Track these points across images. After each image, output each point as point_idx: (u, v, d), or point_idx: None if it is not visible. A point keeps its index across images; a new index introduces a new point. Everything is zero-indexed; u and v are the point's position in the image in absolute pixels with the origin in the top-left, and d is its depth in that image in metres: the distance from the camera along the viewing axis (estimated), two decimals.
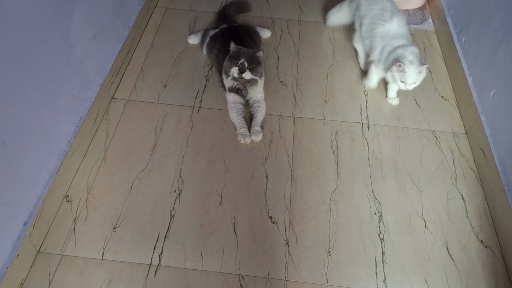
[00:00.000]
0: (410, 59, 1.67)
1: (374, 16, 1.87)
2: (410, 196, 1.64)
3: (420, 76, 1.70)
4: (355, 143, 1.81)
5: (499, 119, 1.63)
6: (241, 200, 1.61)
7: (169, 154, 1.73)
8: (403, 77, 1.69)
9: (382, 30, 1.82)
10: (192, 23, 2.33)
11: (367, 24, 1.92)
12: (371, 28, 1.87)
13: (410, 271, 1.45)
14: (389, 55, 1.76)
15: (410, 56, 1.68)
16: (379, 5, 1.87)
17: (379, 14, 1.85)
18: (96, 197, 1.58)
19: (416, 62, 1.67)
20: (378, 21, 1.84)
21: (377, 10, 1.87)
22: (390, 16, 1.82)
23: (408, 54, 1.69)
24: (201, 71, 2.07)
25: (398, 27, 1.81)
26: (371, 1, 1.92)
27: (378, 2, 1.89)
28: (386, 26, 1.82)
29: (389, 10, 1.84)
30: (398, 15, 1.84)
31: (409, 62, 1.66)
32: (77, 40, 1.59)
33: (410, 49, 1.71)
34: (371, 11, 1.89)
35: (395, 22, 1.81)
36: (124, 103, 1.91)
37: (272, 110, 1.92)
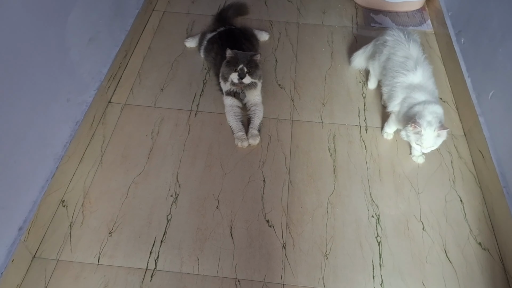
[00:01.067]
0: (429, 120, 1.45)
1: (397, 63, 1.66)
2: (408, 199, 1.63)
3: (439, 140, 1.49)
4: (353, 146, 1.80)
5: (498, 121, 1.62)
6: (238, 204, 1.60)
7: (166, 158, 1.72)
8: (419, 139, 1.49)
9: (404, 80, 1.61)
10: (190, 26, 2.33)
11: (387, 68, 1.71)
12: (392, 76, 1.66)
13: (408, 275, 1.43)
14: (408, 110, 1.56)
15: (429, 116, 1.46)
16: (403, 51, 1.66)
17: (402, 62, 1.64)
18: (93, 202, 1.58)
19: (435, 124, 1.45)
20: (400, 70, 1.63)
21: (401, 56, 1.66)
22: (414, 66, 1.61)
23: (427, 114, 1.47)
24: (199, 75, 2.07)
25: (422, 78, 1.60)
26: (396, 43, 1.70)
27: (404, 47, 1.67)
28: (408, 77, 1.60)
29: (413, 59, 1.63)
30: (424, 65, 1.62)
31: (427, 124, 1.45)
32: (72, 44, 1.59)
33: (431, 108, 1.50)
34: (394, 56, 1.68)
35: (419, 73, 1.60)
36: (121, 107, 1.90)
37: (269, 114, 1.92)
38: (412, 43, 1.68)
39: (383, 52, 1.76)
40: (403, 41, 1.69)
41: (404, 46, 1.67)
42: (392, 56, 1.70)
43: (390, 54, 1.72)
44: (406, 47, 1.67)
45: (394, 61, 1.68)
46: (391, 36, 1.74)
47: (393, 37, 1.73)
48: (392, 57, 1.70)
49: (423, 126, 1.45)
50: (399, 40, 1.70)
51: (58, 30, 1.49)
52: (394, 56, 1.69)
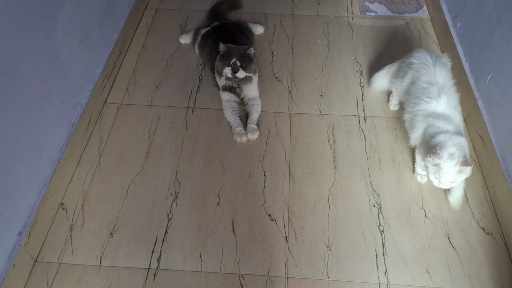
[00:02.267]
0: (451, 153, 1.31)
1: (419, 89, 1.52)
2: (409, 186, 1.61)
3: (460, 176, 1.35)
4: (352, 136, 1.79)
5: (496, 104, 1.60)
6: (239, 200, 1.59)
7: (164, 157, 1.71)
8: (437, 173, 1.35)
9: (426, 108, 1.47)
10: (184, 22, 2.31)
11: (410, 92, 1.58)
12: (414, 103, 1.52)
13: (411, 262, 1.42)
14: (430, 139, 1.41)
15: (452, 148, 1.32)
16: (428, 76, 1.52)
17: (425, 88, 1.50)
18: (92, 204, 1.57)
19: (457, 158, 1.31)
20: (423, 96, 1.49)
21: (425, 82, 1.51)
22: (438, 93, 1.46)
23: (450, 146, 1.33)
24: (194, 71, 2.06)
25: (446, 107, 1.45)
26: (422, 66, 1.56)
27: (429, 71, 1.53)
28: (431, 105, 1.46)
29: (438, 86, 1.48)
30: (449, 93, 1.48)
31: (448, 156, 1.31)
32: (63, 46, 1.57)
33: (455, 139, 1.35)
34: (418, 81, 1.54)
35: (443, 102, 1.45)
36: (117, 107, 1.89)
37: (267, 107, 1.90)
38: (439, 67, 1.53)
39: (408, 74, 1.62)
40: (429, 64, 1.54)
41: (430, 70, 1.53)
42: (416, 80, 1.56)
43: (415, 78, 1.57)
44: (431, 71, 1.52)
45: (418, 86, 1.53)
46: (417, 59, 1.59)
47: (419, 59, 1.58)
48: (416, 81, 1.56)
49: (443, 158, 1.31)
50: (425, 63, 1.56)
51: (47, 32, 1.47)
52: (418, 81, 1.54)
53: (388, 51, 2.13)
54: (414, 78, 1.58)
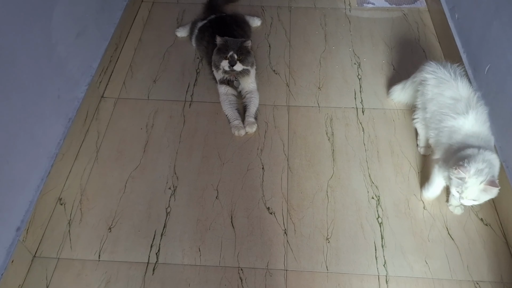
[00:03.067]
0: (479, 168, 1.21)
1: (444, 105, 1.41)
2: (407, 178, 1.61)
3: (484, 196, 1.25)
4: (350, 128, 1.78)
5: (494, 95, 1.60)
6: (237, 193, 1.59)
7: (162, 151, 1.71)
8: (461, 186, 1.26)
9: (453, 124, 1.37)
10: (180, 15, 2.30)
11: (432, 110, 1.47)
12: (439, 120, 1.42)
13: (410, 254, 1.43)
14: (456, 153, 1.32)
15: (480, 164, 1.22)
16: (451, 91, 1.41)
17: (450, 104, 1.39)
18: (90, 199, 1.56)
19: (485, 176, 1.21)
20: (449, 112, 1.38)
21: (448, 98, 1.40)
22: (466, 109, 1.36)
23: (480, 161, 1.22)
24: (191, 64, 2.04)
25: (475, 123, 1.35)
26: (441, 82, 1.45)
27: (451, 85, 1.41)
28: (458, 121, 1.36)
29: (464, 100, 1.37)
30: (477, 107, 1.36)
31: (475, 172, 1.21)
32: (59, 40, 1.56)
33: (486, 155, 1.25)
34: (441, 97, 1.43)
35: (472, 117, 1.34)
36: (114, 101, 1.88)
37: (265, 100, 1.89)
38: (461, 80, 1.42)
39: (424, 92, 1.51)
40: (449, 79, 1.43)
41: (452, 85, 1.42)
42: (437, 96, 1.45)
43: (435, 95, 1.46)
44: (454, 86, 1.41)
45: (441, 102, 1.43)
46: (431, 74, 1.49)
47: (434, 74, 1.48)
48: (437, 98, 1.45)
49: (470, 173, 1.21)
50: (444, 78, 1.45)
51: (43, 26, 1.46)
52: (440, 97, 1.43)
53: (385, 43, 2.12)
54: (434, 94, 1.47)
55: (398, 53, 2.06)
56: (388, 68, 2.00)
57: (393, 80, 1.94)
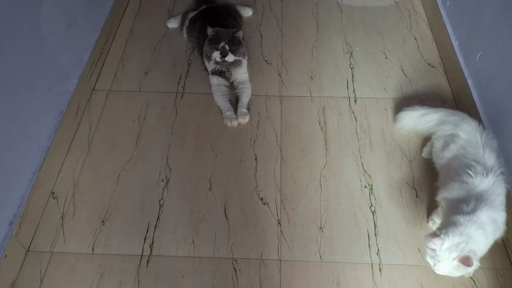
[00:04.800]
0: (454, 243, 1.13)
1: (464, 164, 1.34)
2: (400, 166, 1.62)
3: (458, 271, 1.16)
4: (343, 118, 1.78)
5: (485, 82, 1.60)
6: (231, 184, 1.59)
7: (155, 143, 1.70)
8: (433, 259, 1.17)
9: (468, 181, 1.29)
10: (171, 6, 2.27)
11: (452, 165, 1.40)
12: (456, 173, 1.35)
13: (403, 242, 1.44)
14: (450, 214, 1.25)
15: (457, 238, 1.14)
16: (476, 156, 1.33)
17: (471, 165, 1.31)
18: (83, 192, 1.56)
19: (458, 252, 1.13)
20: (468, 170, 1.30)
21: (471, 160, 1.33)
22: (486, 173, 1.28)
23: (457, 234, 1.14)
24: (183, 56, 2.03)
25: (489, 188, 1.26)
26: (470, 145, 1.37)
27: (478, 152, 1.33)
28: (475, 180, 1.28)
29: (486, 168, 1.30)
30: (497, 178, 1.28)
31: (448, 247, 1.13)
32: (48, 32, 1.54)
33: (468, 227, 1.16)
34: (464, 158, 1.35)
35: (490, 181, 1.27)
36: (106, 93, 1.87)
37: (258, 91, 1.89)
38: (489, 151, 1.33)
39: (450, 147, 1.42)
40: (478, 145, 1.34)
41: (479, 152, 1.34)
42: (460, 156, 1.37)
43: (459, 153, 1.39)
44: (480, 153, 1.34)
45: (462, 162, 1.35)
46: (465, 134, 1.39)
47: (468, 135, 1.38)
48: (460, 157, 1.37)
49: (442, 246, 1.13)
50: (474, 142, 1.37)
51: (31, 19, 1.44)
52: (463, 158, 1.37)
53: (377, 31, 2.11)
54: (457, 152, 1.39)
55: (390, 41, 2.06)
56: (380, 57, 1.99)
57: (386, 74, 1.94)
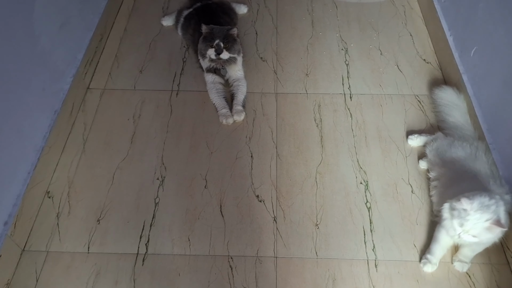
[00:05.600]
0: (486, 204, 1.15)
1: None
2: (395, 162, 1.62)
3: (486, 235, 1.17)
4: (338, 114, 1.78)
5: (481, 77, 1.60)
6: (226, 182, 1.59)
7: (150, 141, 1.70)
8: (462, 219, 1.17)
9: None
10: (166, 4, 2.27)
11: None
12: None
13: (399, 237, 1.44)
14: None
15: (489, 200, 1.16)
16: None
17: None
18: (78, 191, 1.56)
19: (492, 214, 1.14)
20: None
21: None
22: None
23: (487, 198, 1.16)
24: (178, 53, 2.02)
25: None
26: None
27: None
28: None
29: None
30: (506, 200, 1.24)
31: (479, 206, 1.14)
32: (42, 31, 1.53)
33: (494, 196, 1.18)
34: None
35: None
36: (100, 92, 1.86)
37: (253, 88, 1.88)
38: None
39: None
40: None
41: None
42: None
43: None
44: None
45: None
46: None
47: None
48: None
49: (473, 205, 1.14)
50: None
51: (25, 18, 1.44)
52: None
53: (373, 27, 2.11)
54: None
55: (386, 38, 2.06)
56: (375, 53, 1.99)
57: (382, 70, 1.93)
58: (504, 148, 1.45)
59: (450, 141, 1.50)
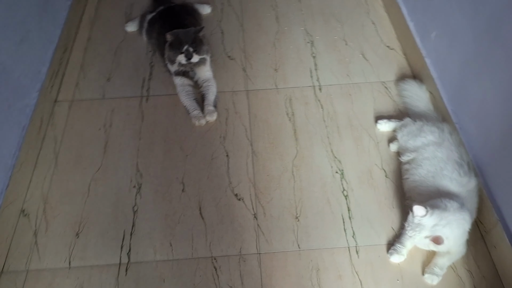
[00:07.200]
0: (434, 223, 1.24)
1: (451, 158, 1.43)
2: (368, 149, 1.65)
3: (433, 247, 1.28)
4: (310, 107, 1.80)
5: (443, 60, 1.65)
6: (204, 183, 1.59)
7: (123, 150, 1.68)
8: (414, 230, 1.27)
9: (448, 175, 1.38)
10: (129, 10, 2.24)
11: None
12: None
13: (377, 222, 1.47)
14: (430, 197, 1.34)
15: (436, 219, 1.24)
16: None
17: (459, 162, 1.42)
18: (54, 206, 1.53)
19: (428, 231, 1.24)
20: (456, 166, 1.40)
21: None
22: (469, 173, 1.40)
23: (436, 215, 1.24)
24: (144, 59, 2.01)
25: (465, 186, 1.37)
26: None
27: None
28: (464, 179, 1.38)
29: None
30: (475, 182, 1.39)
31: (433, 220, 1.24)
32: (1, 48, 1.50)
33: (459, 214, 1.26)
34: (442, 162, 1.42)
35: (471, 183, 1.38)
36: (69, 104, 1.83)
37: (223, 87, 1.88)
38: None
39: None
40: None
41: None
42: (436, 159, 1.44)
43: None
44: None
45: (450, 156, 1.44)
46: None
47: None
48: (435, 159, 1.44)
49: (421, 218, 1.24)
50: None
51: None
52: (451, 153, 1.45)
53: (336, 18, 2.13)
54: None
55: (350, 28, 2.09)
56: (341, 44, 2.02)
57: (348, 60, 1.97)
58: (469, 127, 1.50)
59: (420, 126, 1.54)
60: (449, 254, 1.33)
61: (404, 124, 1.61)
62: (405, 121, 1.62)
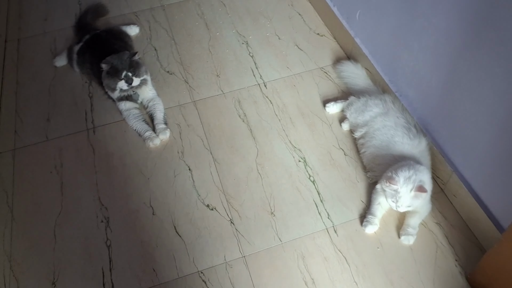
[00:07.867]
0: (407, 177, 1.33)
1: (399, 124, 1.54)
2: (323, 133, 1.71)
3: (416, 201, 1.35)
4: (259, 104, 1.84)
5: (371, 36, 1.75)
6: (173, 202, 1.57)
7: (81, 187, 1.62)
8: (395, 197, 1.34)
9: (399, 140, 1.49)
10: (53, 45, 2.15)
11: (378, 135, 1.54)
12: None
13: (346, 199, 1.54)
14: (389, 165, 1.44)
15: (407, 172, 1.33)
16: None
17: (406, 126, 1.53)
18: (21, 262, 1.44)
19: (412, 183, 1.32)
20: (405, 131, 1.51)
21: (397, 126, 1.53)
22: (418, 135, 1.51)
23: (405, 169, 1.34)
24: (81, 91, 1.94)
25: (417, 147, 1.48)
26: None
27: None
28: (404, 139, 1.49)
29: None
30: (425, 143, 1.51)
31: (404, 181, 1.32)
32: None
33: (411, 163, 1.38)
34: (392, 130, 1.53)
35: (422, 144, 1.49)
36: (12, 154, 1.73)
37: (169, 103, 1.87)
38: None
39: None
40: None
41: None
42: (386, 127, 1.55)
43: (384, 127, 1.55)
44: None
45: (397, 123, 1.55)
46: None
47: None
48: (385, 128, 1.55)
49: (400, 183, 1.32)
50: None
51: None
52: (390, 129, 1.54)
53: (264, 16, 2.19)
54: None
55: (278, 22, 2.15)
56: (274, 39, 2.08)
57: (284, 53, 2.02)
58: (408, 92, 1.60)
59: (364, 101, 1.63)
60: (418, 213, 1.42)
61: (350, 103, 1.69)
62: (350, 100, 1.70)
